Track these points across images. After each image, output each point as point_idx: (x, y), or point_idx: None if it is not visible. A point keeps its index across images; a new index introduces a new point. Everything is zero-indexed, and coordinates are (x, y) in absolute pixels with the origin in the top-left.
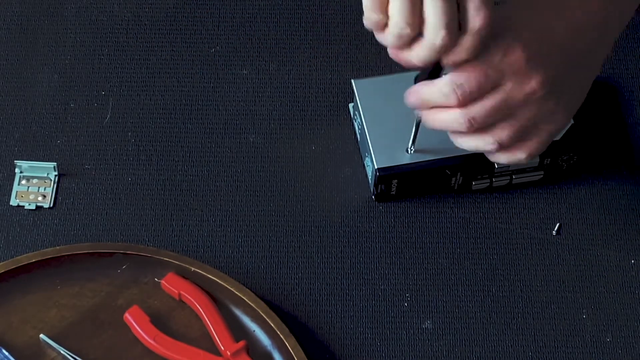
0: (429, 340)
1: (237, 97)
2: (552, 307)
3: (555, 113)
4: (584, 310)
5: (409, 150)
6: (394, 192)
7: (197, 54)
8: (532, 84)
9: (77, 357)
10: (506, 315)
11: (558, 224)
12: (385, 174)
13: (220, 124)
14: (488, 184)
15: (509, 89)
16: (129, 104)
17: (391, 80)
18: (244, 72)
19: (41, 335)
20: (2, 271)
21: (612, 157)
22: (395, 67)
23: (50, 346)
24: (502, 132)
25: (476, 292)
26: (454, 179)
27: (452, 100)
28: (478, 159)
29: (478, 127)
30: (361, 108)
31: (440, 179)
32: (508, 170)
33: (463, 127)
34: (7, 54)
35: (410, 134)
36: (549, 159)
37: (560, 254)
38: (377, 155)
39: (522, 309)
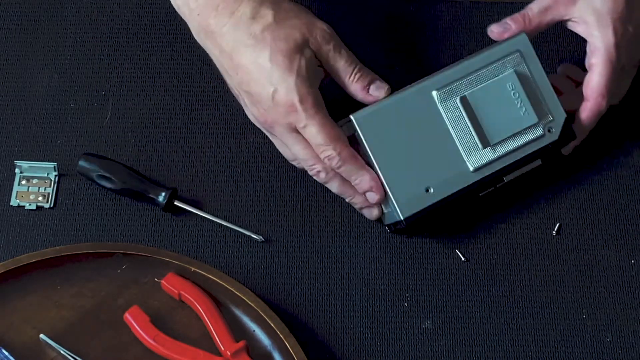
0: (429, 340)
1: None
2: (552, 307)
3: None
4: (584, 310)
5: (429, 189)
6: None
7: (197, 54)
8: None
9: (77, 357)
10: (506, 315)
11: (558, 224)
12: (411, 221)
13: (220, 124)
14: (493, 189)
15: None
16: (129, 104)
17: (392, 108)
18: None
19: (41, 335)
20: (2, 271)
21: (612, 157)
22: (395, 66)
23: (50, 346)
24: None
25: (476, 292)
26: None
27: None
28: (490, 180)
29: None
30: (370, 151)
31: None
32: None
33: None
34: (7, 54)
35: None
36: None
37: (560, 254)
38: (401, 205)
39: (522, 309)
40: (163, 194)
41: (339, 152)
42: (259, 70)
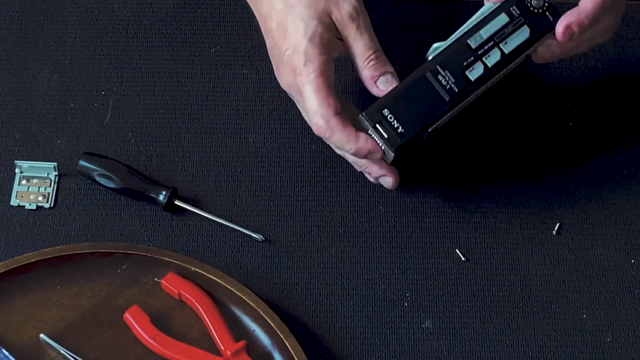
0: (429, 340)
1: (237, 97)
2: (552, 307)
3: None
4: (584, 310)
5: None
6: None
7: (197, 54)
8: None
9: (77, 357)
10: (506, 315)
11: (558, 224)
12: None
13: (220, 124)
14: (483, 70)
15: None
16: (129, 104)
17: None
18: (244, 71)
19: (41, 335)
20: (2, 271)
21: (612, 157)
22: (396, 66)
23: (50, 346)
24: None
25: (476, 292)
26: (443, 78)
27: None
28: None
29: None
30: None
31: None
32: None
33: None
34: (7, 54)
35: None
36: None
37: (560, 254)
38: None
39: (522, 309)
40: (163, 193)
41: (327, 121)
42: (280, 34)
